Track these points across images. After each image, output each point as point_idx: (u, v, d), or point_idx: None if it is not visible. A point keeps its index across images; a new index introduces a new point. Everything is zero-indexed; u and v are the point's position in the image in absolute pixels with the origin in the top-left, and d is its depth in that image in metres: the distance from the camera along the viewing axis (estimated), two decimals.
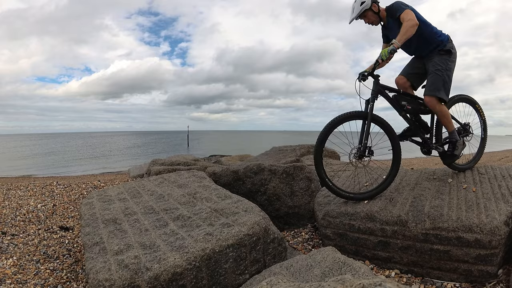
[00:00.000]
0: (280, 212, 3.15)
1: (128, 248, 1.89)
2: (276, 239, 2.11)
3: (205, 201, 2.63)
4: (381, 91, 2.60)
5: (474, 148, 3.06)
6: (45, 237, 3.20)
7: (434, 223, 2.02)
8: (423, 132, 2.77)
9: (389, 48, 2.41)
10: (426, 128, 2.81)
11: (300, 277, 1.65)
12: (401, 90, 2.75)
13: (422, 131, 2.76)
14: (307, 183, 3.21)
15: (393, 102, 2.65)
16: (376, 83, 2.56)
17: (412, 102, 2.68)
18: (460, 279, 1.99)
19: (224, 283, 1.86)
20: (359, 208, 2.35)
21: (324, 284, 1.13)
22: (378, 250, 2.23)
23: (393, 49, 2.43)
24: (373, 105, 2.51)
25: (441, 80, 2.59)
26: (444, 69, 2.60)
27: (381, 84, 2.60)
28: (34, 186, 5.82)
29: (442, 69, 2.59)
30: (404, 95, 2.70)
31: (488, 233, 1.87)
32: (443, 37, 2.66)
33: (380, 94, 2.59)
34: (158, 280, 1.64)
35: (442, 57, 2.63)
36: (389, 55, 2.43)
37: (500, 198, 2.20)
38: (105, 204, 2.82)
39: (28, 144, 54.68)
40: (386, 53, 2.40)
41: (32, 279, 2.33)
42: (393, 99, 2.65)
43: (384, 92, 2.62)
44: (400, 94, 2.69)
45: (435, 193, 2.40)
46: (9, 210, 4.13)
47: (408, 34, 2.42)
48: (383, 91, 2.62)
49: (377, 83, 2.56)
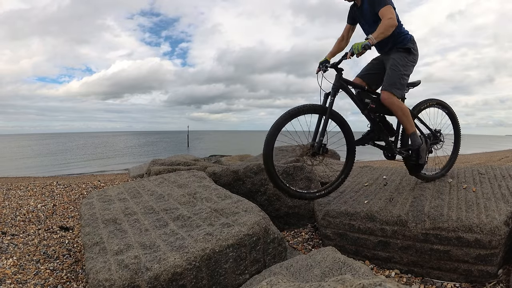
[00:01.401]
0: (280, 212, 3.15)
1: (128, 248, 1.89)
2: (276, 239, 2.11)
3: (205, 201, 2.63)
4: (344, 86, 2.42)
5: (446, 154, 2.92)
6: (45, 237, 3.20)
7: (434, 223, 2.02)
8: (387, 134, 2.58)
9: (364, 43, 2.24)
10: (391, 130, 2.62)
11: (300, 277, 1.65)
12: (365, 87, 2.55)
13: (385, 133, 2.57)
14: (307, 183, 3.21)
15: (356, 99, 2.48)
16: (338, 77, 2.39)
17: (377, 100, 2.51)
18: (460, 279, 1.99)
19: (224, 283, 1.86)
20: (359, 208, 2.35)
21: (324, 284, 1.13)
22: (378, 250, 2.23)
23: (368, 45, 2.25)
24: (334, 100, 2.34)
25: (398, 76, 2.45)
26: (401, 65, 2.46)
27: (344, 79, 2.43)
28: (34, 186, 5.82)
29: (399, 65, 2.46)
30: (369, 93, 2.54)
31: (488, 233, 1.87)
32: (406, 37, 2.53)
33: (342, 89, 2.42)
34: (158, 280, 1.65)
35: (400, 54, 2.50)
36: (361, 50, 2.24)
37: (500, 198, 2.20)
38: (105, 204, 2.82)
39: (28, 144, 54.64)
40: (359, 47, 2.22)
41: (32, 279, 2.33)
42: (356, 96, 2.48)
43: (346, 87, 2.44)
44: (364, 91, 2.51)
45: (435, 193, 2.40)
46: (9, 210, 4.13)
47: (386, 33, 2.29)
48: (346, 86, 2.44)
49: (339, 76, 2.40)
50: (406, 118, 2.49)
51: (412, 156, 2.58)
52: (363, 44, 2.23)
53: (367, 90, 2.53)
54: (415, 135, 2.54)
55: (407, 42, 2.52)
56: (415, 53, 2.55)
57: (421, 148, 2.54)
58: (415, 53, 2.55)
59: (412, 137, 2.54)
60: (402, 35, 2.51)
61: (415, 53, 2.55)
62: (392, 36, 2.41)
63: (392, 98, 2.43)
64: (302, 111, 2.26)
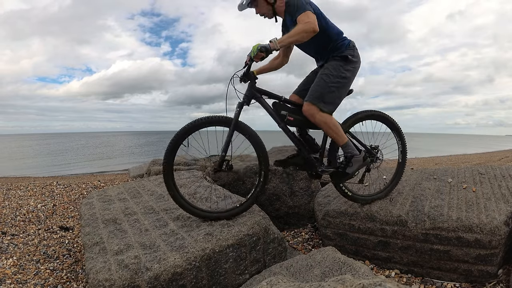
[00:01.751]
0: (280, 212, 3.15)
1: (128, 248, 1.89)
2: (276, 239, 2.11)
3: (205, 201, 2.63)
4: (256, 96, 2.21)
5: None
6: (45, 237, 3.21)
7: (434, 223, 2.02)
8: (309, 150, 2.30)
9: (261, 44, 2.00)
10: (313, 145, 2.34)
11: (300, 277, 1.65)
12: (283, 97, 2.28)
13: (307, 149, 2.30)
14: (307, 183, 3.21)
15: (271, 111, 2.23)
16: (250, 86, 2.20)
17: (296, 112, 2.24)
18: (460, 279, 1.99)
19: (224, 283, 1.86)
20: (359, 208, 2.35)
21: (324, 284, 1.13)
22: (378, 250, 2.23)
23: (265, 48, 2.00)
24: (240, 111, 2.15)
25: (325, 87, 2.17)
26: (333, 76, 2.19)
27: (257, 88, 2.22)
28: (34, 186, 5.83)
29: (331, 75, 2.19)
30: (286, 104, 2.28)
31: (488, 233, 1.87)
32: (344, 43, 2.28)
33: (255, 99, 2.21)
34: (158, 280, 1.65)
35: (335, 62, 2.24)
36: (257, 53, 1.99)
37: (500, 198, 2.20)
38: (105, 204, 2.82)
39: (28, 144, 54.65)
40: (255, 50, 2.00)
41: (32, 279, 2.33)
42: (271, 107, 2.23)
43: (260, 97, 2.22)
44: (280, 103, 2.26)
45: (435, 193, 2.40)
46: (9, 210, 4.13)
47: (297, 38, 2.04)
48: (259, 96, 2.22)
49: (251, 85, 2.20)
50: (333, 130, 2.21)
51: (342, 162, 2.31)
52: (259, 46, 2.00)
53: (284, 100, 2.28)
54: (348, 145, 2.27)
55: (345, 49, 2.26)
56: (354, 60, 2.27)
57: (356, 158, 2.27)
58: (354, 60, 2.27)
59: (345, 147, 2.27)
60: (338, 42, 2.27)
61: (355, 60, 2.27)
62: (325, 41, 2.24)
63: (314, 110, 2.16)
64: (206, 123, 2.08)
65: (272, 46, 2.01)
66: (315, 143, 2.35)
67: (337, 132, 2.22)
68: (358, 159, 2.27)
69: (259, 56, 2.02)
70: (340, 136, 2.23)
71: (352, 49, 2.29)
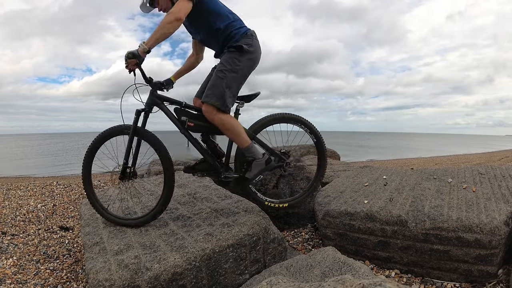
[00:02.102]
0: (280, 212, 3.15)
1: (128, 248, 1.89)
2: (276, 239, 2.11)
3: (205, 201, 2.63)
4: (157, 102, 2.16)
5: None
6: (45, 237, 3.21)
7: (434, 223, 2.02)
8: (212, 156, 2.23)
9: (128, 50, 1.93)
10: (215, 151, 2.25)
11: (300, 277, 1.65)
12: (184, 102, 2.20)
13: (211, 155, 2.22)
14: (307, 183, 3.21)
15: (173, 117, 2.17)
16: (151, 93, 2.16)
17: (196, 117, 2.16)
18: (460, 279, 1.99)
19: (224, 283, 1.86)
20: (359, 208, 2.35)
21: (324, 284, 1.13)
22: (378, 250, 2.23)
23: (133, 54, 1.91)
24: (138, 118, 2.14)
25: (221, 84, 2.03)
26: (228, 70, 2.05)
27: (158, 95, 2.17)
28: (34, 186, 5.83)
29: (226, 70, 2.05)
30: (188, 109, 2.20)
31: (488, 233, 1.87)
32: (239, 31, 2.12)
33: (157, 106, 2.17)
34: (158, 280, 1.65)
35: (230, 54, 2.08)
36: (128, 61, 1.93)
37: (500, 198, 2.20)
38: (105, 204, 2.81)
39: (28, 144, 54.61)
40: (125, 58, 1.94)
41: (32, 279, 2.33)
42: (173, 113, 2.18)
43: (161, 104, 2.17)
44: (181, 108, 2.18)
45: (435, 193, 2.40)
46: (9, 210, 4.13)
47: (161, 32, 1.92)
48: (161, 103, 2.17)
49: (152, 92, 2.16)
50: (231, 132, 2.09)
51: (243, 166, 2.21)
52: (126, 53, 1.92)
53: (185, 105, 2.20)
54: (250, 149, 2.13)
55: (240, 38, 2.09)
56: (250, 50, 2.09)
57: (257, 162, 2.14)
58: (250, 50, 2.09)
59: (246, 151, 2.14)
60: (231, 31, 2.10)
61: (251, 50, 2.10)
62: (219, 35, 2.11)
63: (211, 110, 2.05)
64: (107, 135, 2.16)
65: (140, 50, 1.92)
66: (218, 148, 2.27)
67: (236, 133, 2.09)
68: (259, 163, 2.14)
69: (132, 63, 1.94)
70: (240, 138, 2.10)
71: (250, 38, 2.13)
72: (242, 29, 2.14)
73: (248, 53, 2.10)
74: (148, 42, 1.93)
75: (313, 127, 2.37)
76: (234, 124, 2.10)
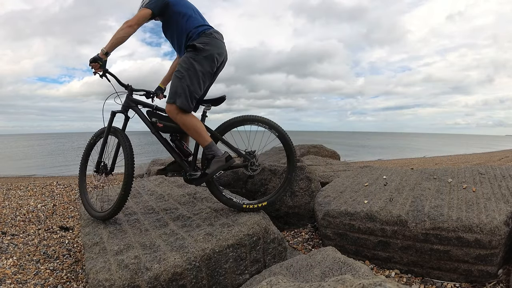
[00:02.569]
0: (280, 212, 3.15)
1: (128, 248, 1.89)
2: (276, 239, 2.11)
3: (205, 201, 2.63)
4: (131, 105, 2.32)
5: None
6: (45, 237, 3.21)
7: (434, 223, 2.02)
8: (181, 156, 2.30)
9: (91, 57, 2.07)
10: (183, 150, 2.33)
11: (300, 277, 1.65)
12: (155, 105, 2.33)
13: (179, 154, 2.30)
14: (307, 183, 3.21)
15: (145, 119, 2.29)
16: (127, 96, 2.33)
17: (165, 119, 2.26)
18: (460, 279, 1.99)
19: (224, 283, 1.86)
20: (359, 208, 2.35)
21: (324, 284, 1.13)
22: (378, 250, 2.23)
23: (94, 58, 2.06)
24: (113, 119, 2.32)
25: (180, 85, 2.10)
26: (184, 69, 2.10)
27: (132, 98, 2.34)
28: (34, 186, 5.83)
29: (182, 70, 2.11)
30: (158, 111, 2.31)
31: (488, 233, 1.87)
32: (196, 30, 2.18)
33: (132, 109, 2.32)
34: (158, 280, 1.65)
35: (186, 55, 2.15)
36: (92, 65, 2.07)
37: (500, 198, 2.20)
38: (105, 204, 2.81)
39: (28, 144, 54.64)
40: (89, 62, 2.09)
41: (32, 279, 2.33)
42: (146, 115, 2.29)
43: (135, 107, 2.32)
44: (152, 111, 2.30)
45: (435, 193, 2.40)
46: (9, 210, 4.13)
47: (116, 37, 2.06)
48: (134, 106, 2.32)
49: (128, 96, 2.33)
50: (194, 132, 2.15)
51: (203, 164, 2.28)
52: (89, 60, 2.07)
53: (156, 107, 2.32)
54: (210, 147, 2.17)
55: (196, 37, 2.16)
56: (205, 48, 2.13)
57: (217, 159, 2.17)
58: (205, 48, 2.13)
59: (207, 149, 2.17)
60: (190, 31, 2.18)
61: (206, 48, 2.13)
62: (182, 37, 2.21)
63: (174, 111, 2.12)
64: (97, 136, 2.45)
65: (101, 54, 2.07)
66: (185, 148, 2.35)
67: (197, 132, 2.14)
68: (219, 159, 2.17)
69: (96, 66, 2.08)
70: (201, 137, 2.16)
71: (208, 36, 2.18)
72: (200, 28, 2.21)
73: (203, 51, 2.13)
74: (107, 46, 2.08)
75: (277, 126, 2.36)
76: (195, 123, 2.16)
